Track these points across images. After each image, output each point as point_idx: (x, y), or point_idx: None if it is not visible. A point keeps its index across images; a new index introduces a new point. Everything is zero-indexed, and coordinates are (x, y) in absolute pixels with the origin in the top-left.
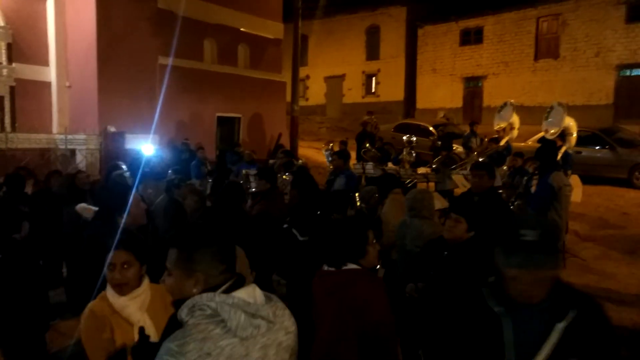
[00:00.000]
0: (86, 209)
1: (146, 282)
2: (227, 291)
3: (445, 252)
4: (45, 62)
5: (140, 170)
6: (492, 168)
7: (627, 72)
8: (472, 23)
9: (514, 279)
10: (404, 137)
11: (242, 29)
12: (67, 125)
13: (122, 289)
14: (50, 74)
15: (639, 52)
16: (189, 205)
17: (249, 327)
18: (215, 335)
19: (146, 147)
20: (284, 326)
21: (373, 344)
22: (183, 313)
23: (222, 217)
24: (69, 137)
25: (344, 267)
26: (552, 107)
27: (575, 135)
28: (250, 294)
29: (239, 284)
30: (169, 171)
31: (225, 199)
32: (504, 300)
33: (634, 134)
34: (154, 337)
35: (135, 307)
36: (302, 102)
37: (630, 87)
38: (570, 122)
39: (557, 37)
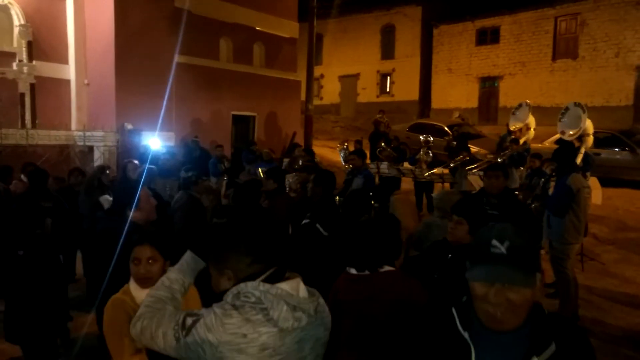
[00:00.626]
0: (108, 200)
1: None
2: (270, 281)
3: (450, 255)
4: (64, 60)
5: (147, 166)
6: (507, 169)
7: None
8: (488, 23)
9: (481, 298)
10: (421, 137)
11: (257, 28)
12: (85, 122)
13: (146, 282)
14: (70, 71)
15: None
16: (204, 203)
17: (290, 319)
18: (256, 321)
19: (153, 141)
20: (324, 322)
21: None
22: (228, 298)
23: (238, 214)
24: (87, 134)
25: (381, 270)
26: (567, 108)
27: (592, 136)
28: (294, 287)
29: (281, 274)
30: (182, 171)
31: (244, 197)
32: (472, 323)
33: None
34: None
35: None
36: (316, 101)
37: None
38: (586, 123)
39: (576, 37)
